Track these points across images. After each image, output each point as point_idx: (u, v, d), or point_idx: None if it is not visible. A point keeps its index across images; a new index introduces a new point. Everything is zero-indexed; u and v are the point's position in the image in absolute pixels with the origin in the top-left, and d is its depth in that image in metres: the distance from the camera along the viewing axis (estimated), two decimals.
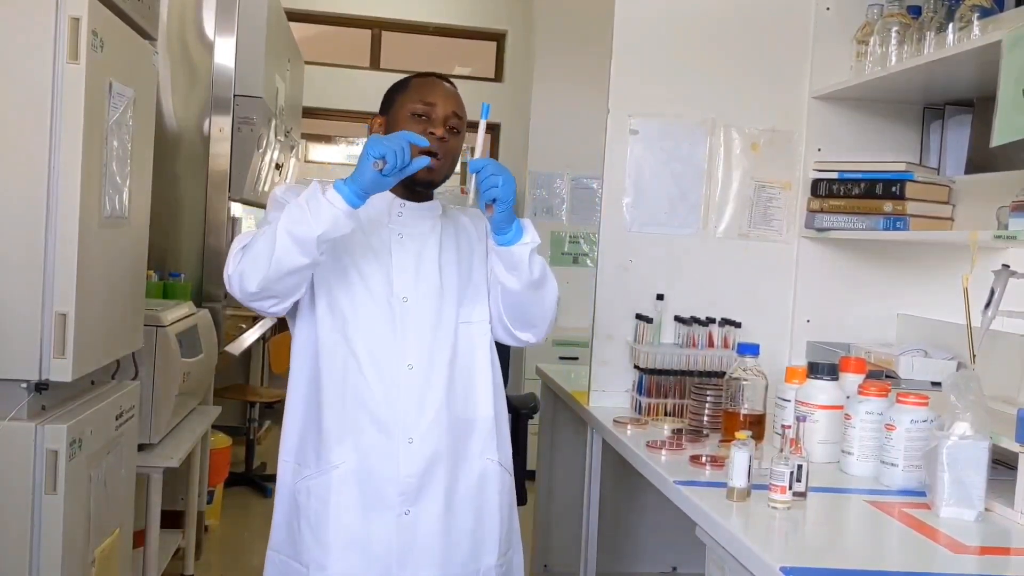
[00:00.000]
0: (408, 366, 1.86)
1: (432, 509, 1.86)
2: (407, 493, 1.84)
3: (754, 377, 2.29)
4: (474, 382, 1.94)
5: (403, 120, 1.89)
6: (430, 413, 1.86)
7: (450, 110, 1.90)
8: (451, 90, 1.95)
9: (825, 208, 2.69)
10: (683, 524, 1.92)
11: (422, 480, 1.85)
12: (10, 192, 2.07)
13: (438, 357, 1.88)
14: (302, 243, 1.70)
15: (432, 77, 1.97)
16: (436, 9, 7.30)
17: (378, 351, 1.86)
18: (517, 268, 1.85)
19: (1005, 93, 1.88)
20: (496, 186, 1.74)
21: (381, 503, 1.84)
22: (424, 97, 1.91)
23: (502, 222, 1.80)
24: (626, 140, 2.76)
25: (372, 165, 1.68)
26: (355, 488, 1.84)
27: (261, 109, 4.23)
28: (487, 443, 1.94)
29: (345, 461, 1.84)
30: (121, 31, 2.34)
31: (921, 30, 2.36)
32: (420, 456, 1.85)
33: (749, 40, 2.80)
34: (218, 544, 4.31)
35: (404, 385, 1.85)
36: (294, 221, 1.70)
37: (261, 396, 5.47)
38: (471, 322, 1.94)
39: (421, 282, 1.90)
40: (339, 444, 1.85)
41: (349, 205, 1.70)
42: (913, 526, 1.74)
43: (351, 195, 1.70)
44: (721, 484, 1.87)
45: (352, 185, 1.70)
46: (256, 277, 1.75)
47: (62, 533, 2.12)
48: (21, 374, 2.09)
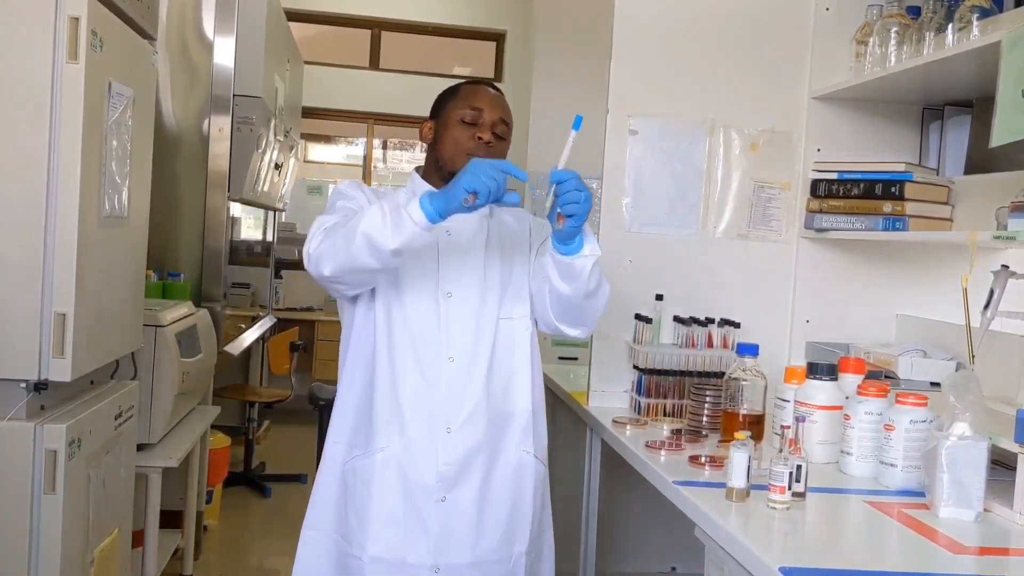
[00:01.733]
0: (450, 359, 1.95)
1: (468, 497, 1.94)
2: (445, 480, 1.93)
3: (753, 377, 2.29)
4: (513, 376, 2.01)
5: (452, 126, 1.98)
6: (469, 404, 1.95)
7: (497, 116, 2.00)
8: (498, 97, 2.05)
9: (824, 208, 2.69)
10: (682, 524, 1.92)
11: (459, 468, 1.94)
12: (9, 192, 2.07)
13: (479, 351, 1.97)
14: (377, 250, 1.75)
15: (481, 84, 2.07)
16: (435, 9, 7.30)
17: (422, 343, 1.95)
18: (576, 279, 1.90)
19: (1004, 94, 1.89)
20: (577, 202, 1.76)
21: (420, 488, 1.93)
22: (472, 103, 2.00)
23: (569, 235, 1.83)
24: (625, 140, 2.76)
25: (463, 200, 1.70)
26: (396, 472, 1.93)
27: (260, 109, 4.23)
28: (524, 435, 2.02)
29: (389, 445, 1.94)
30: (120, 31, 2.34)
31: (920, 30, 2.36)
32: (459, 445, 1.93)
33: (748, 40, 2.80)
34: (217, 544, 4.31)
35: (445, 377, 1.94)
36: (374, 227, 1.73)
37: (260, 396, 5.47)
38: (512, 318, 2.02)
39: (465, 279, 1.98)
40: (385, 429, 1.94)
41: (429, 222, 1.73)
42: (912, 526, 1.74)
43: (434, 214, 1.73)
44: (720, 484, 1.87)
45: (439, 205, 1.72)
46: (331, 264, 1.81)
47: (61, 533, 2.12)
48: (20, 374, 2.09)
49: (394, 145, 8.01)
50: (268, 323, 5.71)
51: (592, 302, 1.98)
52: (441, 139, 2.00)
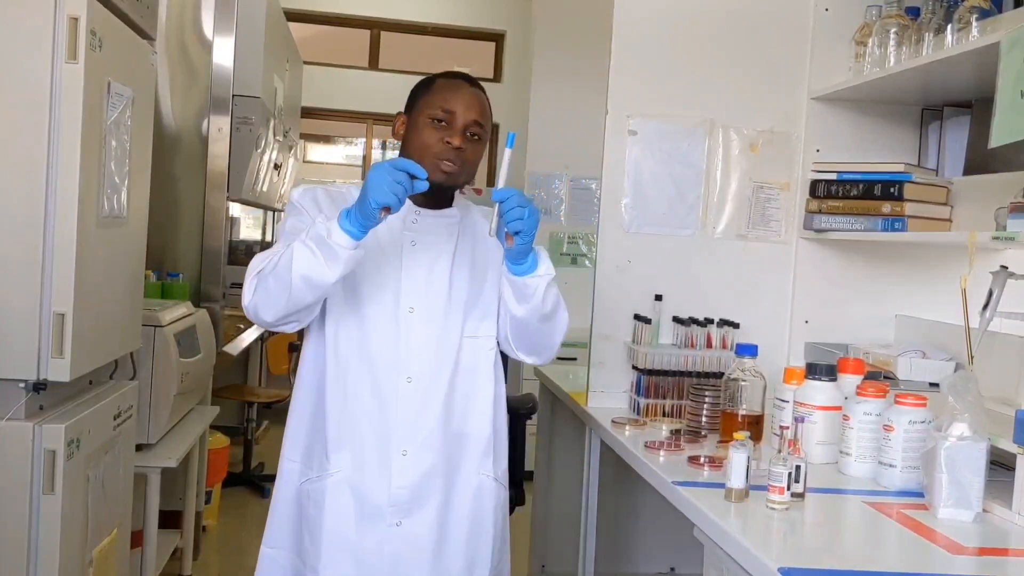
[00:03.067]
0: (407, 379, 1.86)
1: (425, 521, 1.87)
2: (398, 504, 1.86)
3: (752, 378, 2.29)
4: (475, 397, 1.93)
5: (422, 125, 1.85)
6: (426, 427, 1.87)
7: (471, 118, 1.85)
8: (475, 96, 1.89)
9: (823, 209, 2.69)
10: (681, 525, 1.92)
11: (415, 492, 1.86)
12: (8, 191, 2.06)
13: (439, 371, 1.88)
14: (318, 287, 1.73)
15: (458, 80, 1.91)
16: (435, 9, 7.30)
17: (379, 362, 1.86)
18: (529, 299, 1.84)
19: (1003, 94, 1.89)
20: (521, 219, 1.72)
21: (373, 513, 1.86)
22: (444, 104, 1.85)
23: (520, 254, 1.78)
24: (625, 141, 2.76)
25: (379, 217, 1.68)
26: (349, 496, 1.86)
27: (260, 109, 4.22)
28: (483, 458, 1.94)
29: (341, 469, 1.86)
30: (120, 31, 2.34)
31: (920, 31, 2.37)
32: (413, 469, 1.86)
33: (748, 41, 2.80)
34: (216, 544, 4.31)
35: (402, 397, 1.86)
36: (308, 267, 1.70)
37: (259, 396, 5.47)
38: (477, 336, 1.93)
39: (430, 294, 1.88)
40: (337, 452, 1.86)
41: (356, 240, 1.70)
42: (911, 527, 1.74)
43: (359, 232, 1.70)
44: (719, 485, 1.87)
45: (357, 223, 1.69)
46: (272, 311, 1.78)
47: (60, 533, 2.12)
48: (19, 374, 2.09)
49: (393, 145, 8.01)
50: None
51: (548, 326, 1.91)
52: (411, 137, 1.87)
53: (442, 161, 1.82)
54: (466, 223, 1.96)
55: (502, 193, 1.73)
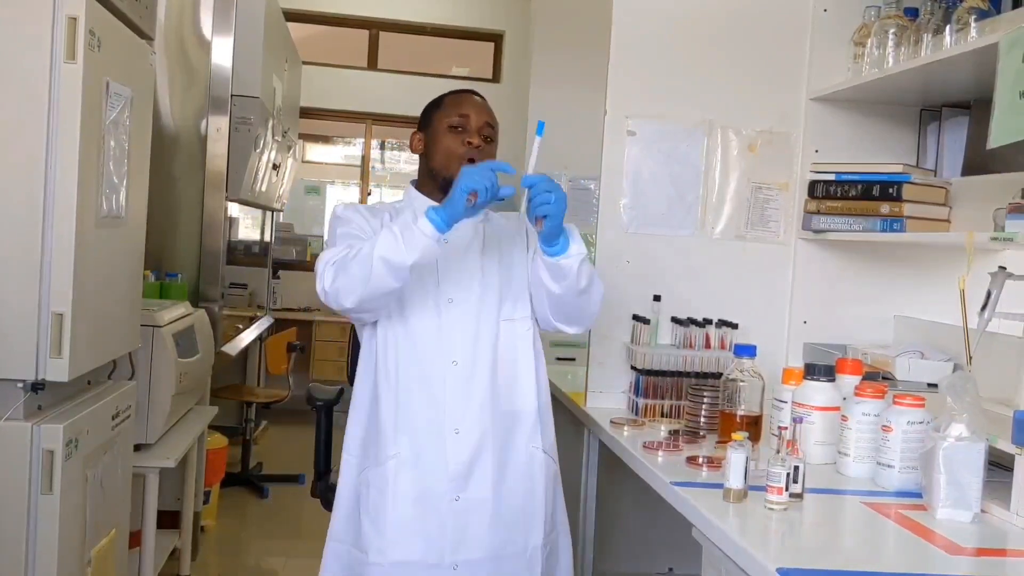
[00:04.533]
0: (453, 362, 2.01)
1: (481, 495, 2.00)
2: (456, 480, 1.99)
3: (751, 378, 2.29)
4: (518, 375, 2.08)
5: (442, 134, 2.05)
6: (474, 405, 2.01)
7: (483, 120, 2.07)
8: (482, 102, 2.11)
9: (822, 209, 2.69)
10: (680, 525, 1.92)
11: (470, 468, 2.00)
12: (7, 191, 2.06)
13: (481, 353, 2.03)
14: (396, 270, 1.86)
15: (464, 92, 2.13)
16: (433, 10, 7.30)
17: (426, 350, 2.02)
18: (565, 278, 1.98)
19: (1002, 95, 1.89)
20: (548, 203, 1.86)
21: (433, 491, 1.99)
22: (459, 110, 2.06)
23: (551, 235, 1.92)
24: (624, 141, 2.76)
25: (466, 201, 1.82)
26: (409, 477, 1.99)
27: (258, 109, 4.23)
28: (532, 433, 2.09)
29: (399, 452, 2.00)
30: (119, 31, 2.34)
31: (918, 32, 2.37)
32: (466, 446, 2.00)
33: (746, 42, 2.80)
34: (214, 544, 4.31)
35: (450, 380, 2.01)
36: (390, 249, 1.84)
37: (258, 396, 5.46)
38: (514, 319, 2.08)
39: (465, 284, 2.04)
40: (394, 437, 2.01)
41: (439, 232, 1.85)
42: (909, 527, 1.75)
43: (443, 224, 1.84)
44: (718, 485, 1.87)
45: (444, 214, 1.84)
46: (352, 296, 1.90)
47: (58, 533, 2.12)
48: (17, 374, 2.09)
49: (392, 145, 8.01)
50: (266, 323, 5.72)
51: (585, 299, 2.05)
52: (432, 148, 2.07)
53: (468, 160, 1.99)
54: (488, 224, 2.14)
55: (530, 179, 1.89)
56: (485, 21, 7.40)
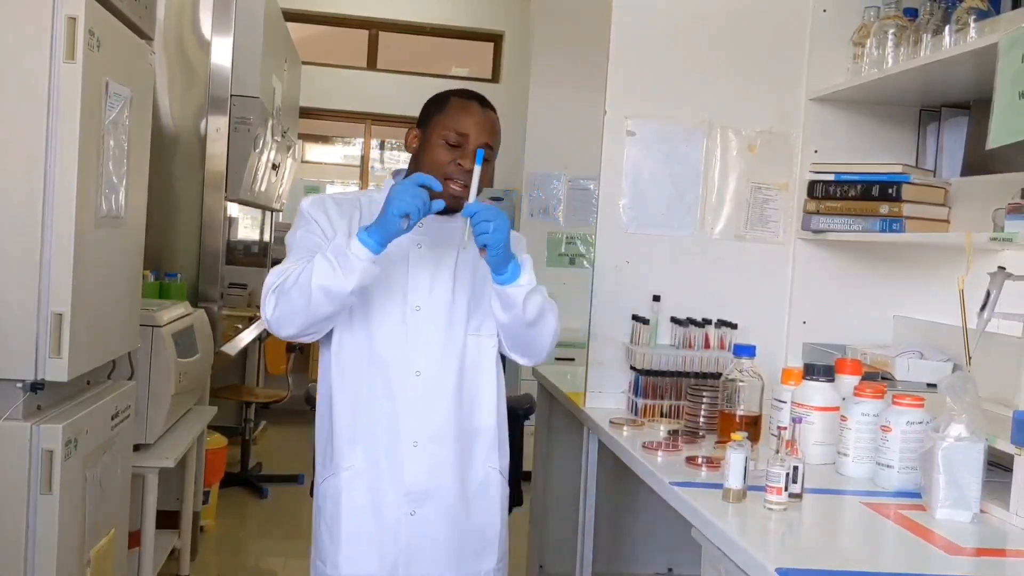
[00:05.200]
0: (416, 373, 1.94)
1: (437, 511, 1.95)
2: (412, 494, 1.93)
3: (750, 378, 2.29)
4: (480, 391, 2.01)
5: (435, 144, 1.92)
6: (437, 419, 1.94)
7: (482, 140, 1.92)
8: (487, 118, 1.96)
9: (822, 210, 2.69)
10: (679, 525, 1.92)
11: (427, 483, 1.94)
12: (7, 191, 2.06)
13: (446, 365, 1.95)
14: (336, 297, 1.80)
15: (472, 102, 1.97)
16: (433, 10, 7.30)
17: (388, 357, 1.93)
18: (512, 307, 1.91)
19: (1001, 95, 1.89)
20: (486, 232, 1.78)
21: (388, 504, 1.93)
22: (458, 127, 1.92)
23: (496, 265, 1.85)
24: (623, 141, 2.76)
25: (400, 226, 1.76)
26: (364, 489, 1.93)
27: (258, 109, 4.23)
28: (490, 451, 2.03)
29: (354, 464, 1.94)
30: (118, 31, 2.34)
31: (918, 32, 2.37)
32: (425, 460, 1.93)
33: (746, 42, 2.80)
34: (214, 544, 4.31)
35: (411, 391, 1.93)
36: (326, 278, 1.77)
37: (257, 396, 5.46)
38: (480, 334, 2.00)
39: (435, 293, 1.96)
40: (350, 447, 1.94)
41: (374, 254, 1.77)
42: (909, 528, 1.75)
43: (376, 246, 1.77)
44: (717, 485, 1.87)
45: (378, 235, 1.76)
46: (294, 324, 1.85)
47: (57, 533, 2.12)
48: (17, 374, 2.08)
49: (391, 146, 8.01)
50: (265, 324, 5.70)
51: (534, 331, 1.97)
52: (423, 153, 1.95)
53: (453, 181, 1.89)
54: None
55: (470, 209, 1.80)
56: (485, 21, 7.39)
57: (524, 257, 1.94)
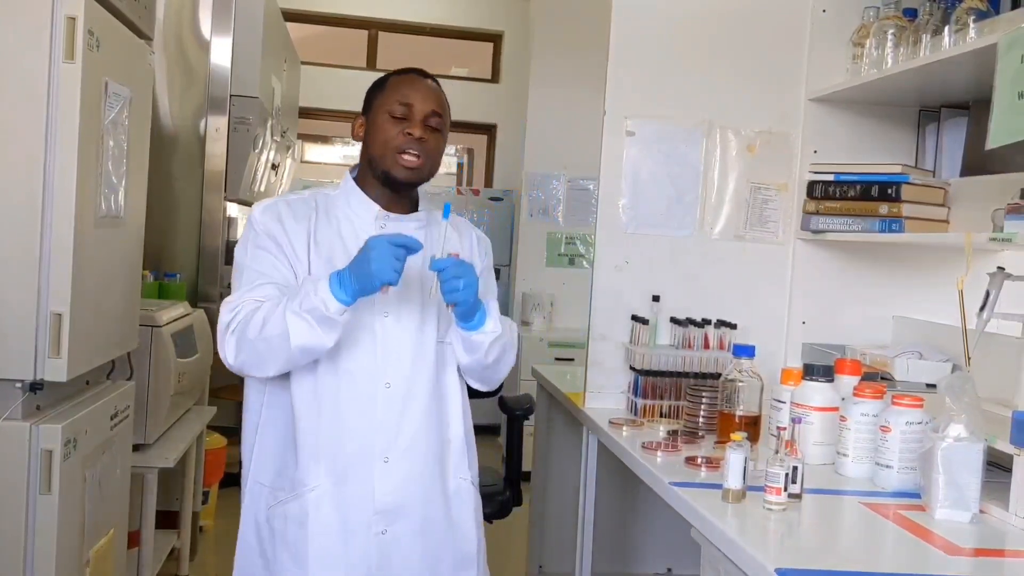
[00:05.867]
0: (386, 384, 1.84)
1: (409, 528, 1.85)
2: (383, 512, 1.83)
3: (750, 379, 2.29)
4: (448, 401, 1.94)
5: (381, 122, 1.85)
6: (408, 432, 1.85)
7: (429, 108, 1.86)
8: (430, 87, 1.90)
9: (821, 210, 2.69)
10: (678, 525, 1.92)
11: (398, 499, 1.84)
12: (6, 191, 2.06)
13: (417, 376, 1.87)
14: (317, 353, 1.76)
15: (411, 74, 1.92)
16: (433, 10, 7.30)
17: (356, 369, 1.83)
18: (475, 352, 1.88)
19: (1001, 96, 1.89)
20: (457, 289, 1.74)
21: (358, 523, 1.83)
22: (401, 97, 1.86)
23: (464, 316, 1.82)
24: (622, 142, 2.76)
25: (381, 291, 1.71)
26: (332, 509, 1.82)
27: (257, 109, 4.22)
28: (460, 462, 1.95)
29: (320, 483, 1.82)
30: (117, 30, 2.34)
31: (917, 33, 2.37)
32: (396, 475, 1.84)
33: (745, 42, 2.80)
34: (213, 544, 4.31)
35: (381, 404, 1.83)
36: (306, 338, 1.71)
37: None
38: (447, 342, 1.92)
39: (404, 298, 1.86)
40: (314, 464, 1.82)
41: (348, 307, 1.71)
42: (908, 528, 1.75)
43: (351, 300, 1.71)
44: (716, 485, 1.87)
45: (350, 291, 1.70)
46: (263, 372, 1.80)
47: (56, 533, 2.11)
48: (16, 374, 2.08)
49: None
50: None
51: (491, 371, 1.95)
52: (371, 136, 1.87)
53: (404, 154, 1.83)
54: (432, 229, 1.93)
55: (438, 264, 1.76)
56: (484, 21, 7.39)
57: (491, 304, 1.88)
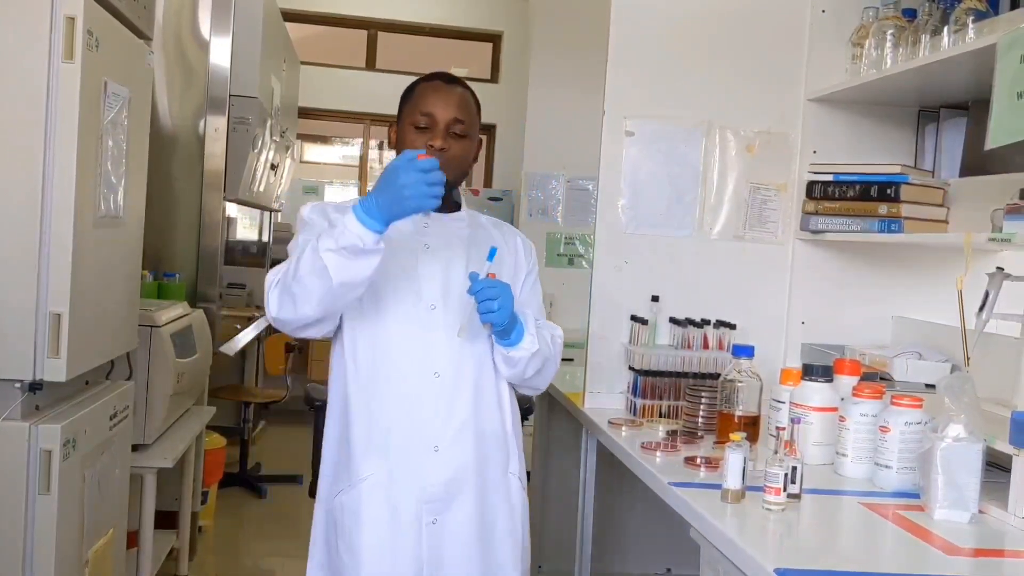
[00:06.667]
0: (435, 374, 1.88)
1: (459, 518, 1.89)
2: (433, 502, 1.87)
3: (749, 379, 2.29)
4: (499, 394, 1.97)
5: (407, 132, 1.91)
6: (456, 422, 1.89)
7: (451, 116, 1.89)
8: (453, 93, 1.92)
9: (820, 210, 2.69)
10: (678, 525, 1.92)
11: (449, 489, 1.88)
12: (5, 191, 2.06)
13: (464, 365, 1.91)
14: (356, 286, 1.75)
15: (435, 82, 1.95)
16: (432, 10, 7.30)
17: (404, 359, 1.88)
18: (514, 367, 1.93)
19: (1000, 96, 1.89)
20: (492, 311, 1.79)
21: (409, 514, 1.86)
22: (423, 108, 1.90)
23: (501, 336, 1.88)
24: (622, 142, 2.76)
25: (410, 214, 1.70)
26: (383, 498, 1.86)
27: (256, 109, 4.23)
28: (510, 457, 1.99)
29: (373, 472, 1.87)
30: (117, 30, 2.34)
31: (916, 33, 2.37)
32: (447, 465, 1.88)
33: (745, 42, 2.80)
34: (212, 545, 4.31)
35: (430, 393, 1.88)
36: (346, 274, 1.71)
37: (256, 396, 5.46)
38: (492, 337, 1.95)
39: (450, 290, 1.91)
40: (366, 455, 1.88)
41: (380, 235, 1.71)
42: (907, 528, 1.75)
43: (382, 226, 1.70)
44: (716, 486, 1.87)
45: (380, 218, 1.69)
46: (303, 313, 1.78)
47: (56, 533, 2.11)
48: (15, 374, 2.08)
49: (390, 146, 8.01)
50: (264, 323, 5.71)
51: (532, 382, 2.01)
52: (399, 146, 1.94)
53: None
54: (475, 228, 2.01)
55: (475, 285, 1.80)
56: (483, 21, 7.39)
57: (529, 319, 1.92)
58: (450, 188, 1.93)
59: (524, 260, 2.07)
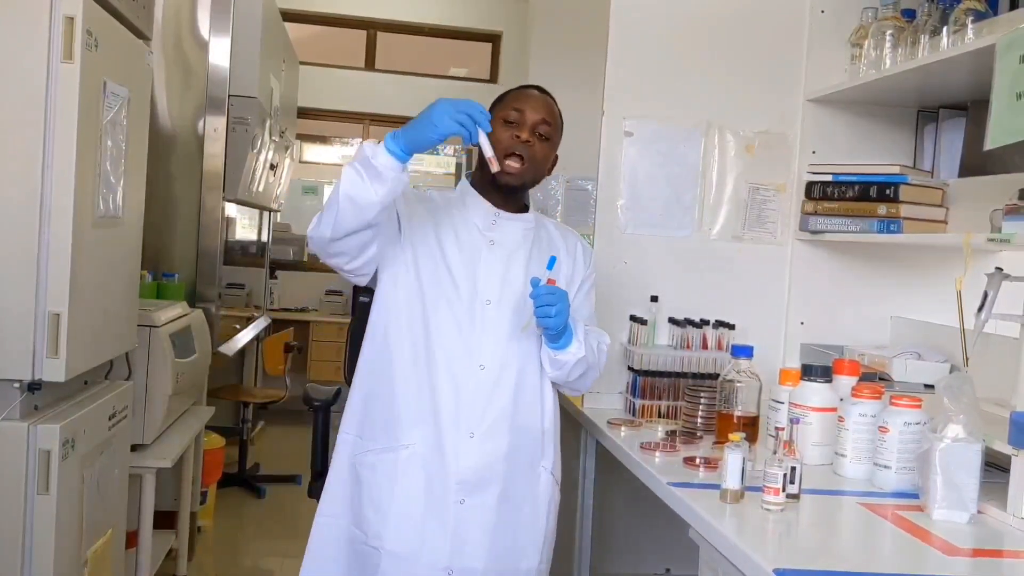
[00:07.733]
0: (480, 366, 1.98)
1: (487, 503, 1.97)
2: (463, 483, 1.96)
3: (748, 379, 2.29)
4: (541, 391, 2.06)
5: (496, 127, 1.98)
6: (494, 412, 1.98)
7: (539, 116, 2.03)
8: (543, 99, 2.07)
9: (819, 210, 2.69)
10: (677, 526, 1.92)
11: (479, 474, 1.96)
12: (4, 191, 2.06)
13: (510, 362, 2.00)
14: (362, 207, 1.81)
15: (528, 88, 2.10)
16: (431, 10, 7.30)
17: (454, 348, 1.98)
18: (560, 368, 2.03)
19: (999, 96, 1.89)
20: (549, 316, 1.90)
21: (441, 489, 1.95)
22: (515, 104, 2.03)
23: (551, 339, 1.98)
24: (621, 142, 2.76)
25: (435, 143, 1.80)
26: (420, 472, 1.96)
27: (256, 109, 4.22)
28: (544, 452, 2.07)
29: (415, 443, 1.96)
30: (116, 31, 2.34)
31: (915, 33, 2.37)
32: (479, 451, 1.96)
33: (744, 43, 2.81)
34: (211, 545, 4.31)
35: (474, 383, 1.97)
36: (353, 186, 1.80)
37: (255, 397, 5.46)
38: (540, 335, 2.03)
39: (506, 288, 2.01)
40: (410, 427, 1.97)
41: (401, 164, 1.80)
42: (906, 528, 1.75)
43: (404, 155, 1.80)
44: (715, 486, 1.87)
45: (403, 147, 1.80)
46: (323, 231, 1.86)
47: (54, 533, 2.12)
48: (14, 374, 2.08)
49: None
50: (263, 323, 5.71)
51: (575, 383, 2.11)
52: None
53: (511, 156, 1.97)
54: (540, 231, 2.12)
55: (538, 290, 1.91)
56: (483, 22, 7.40)
57: (579, 327, 2.01)
58: (523, 189, 2.08)
59: (583, 266, 2.17)
